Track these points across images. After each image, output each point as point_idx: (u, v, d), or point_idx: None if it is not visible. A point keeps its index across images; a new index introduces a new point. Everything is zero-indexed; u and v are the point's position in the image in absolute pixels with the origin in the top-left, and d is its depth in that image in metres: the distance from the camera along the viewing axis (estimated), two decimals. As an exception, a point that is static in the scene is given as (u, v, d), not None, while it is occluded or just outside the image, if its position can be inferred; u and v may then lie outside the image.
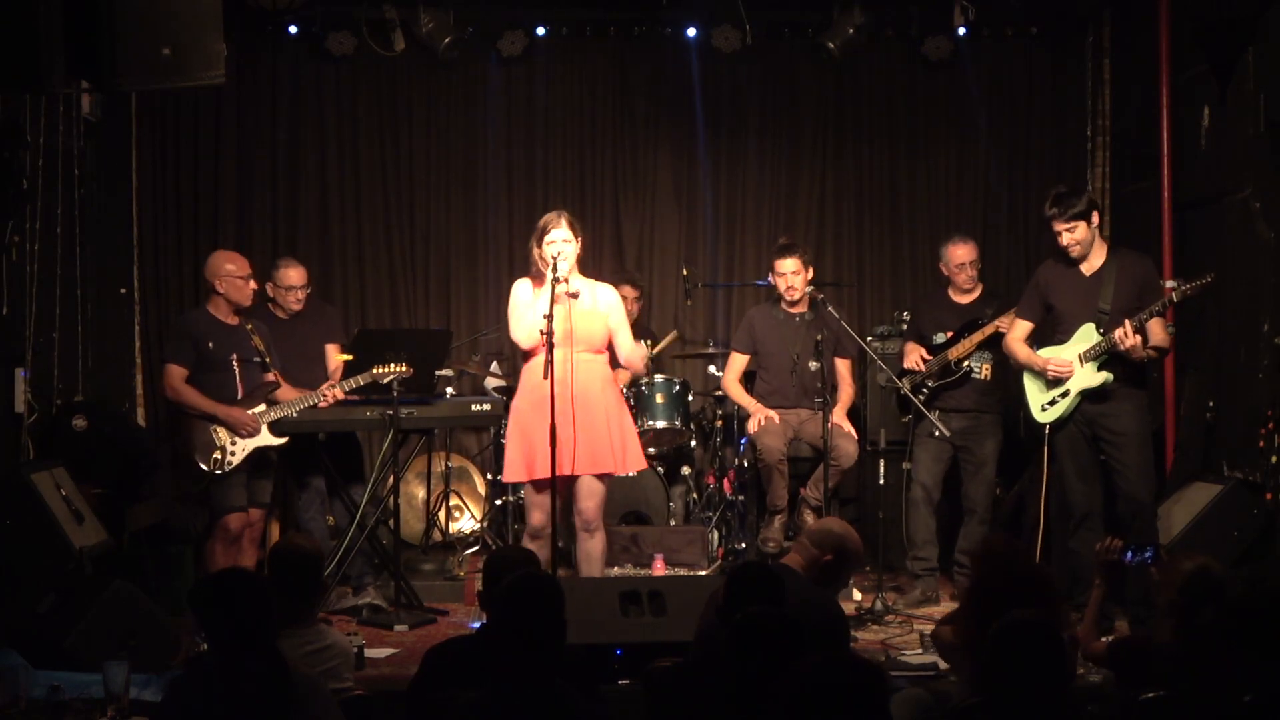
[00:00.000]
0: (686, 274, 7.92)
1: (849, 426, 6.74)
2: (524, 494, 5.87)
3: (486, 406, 6.49)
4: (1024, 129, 8.33)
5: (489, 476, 7.51)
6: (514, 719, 3.07)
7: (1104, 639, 4.49)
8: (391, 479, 6.28)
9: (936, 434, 6.42)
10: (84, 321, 6.85)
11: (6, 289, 5.98)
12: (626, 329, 5.83)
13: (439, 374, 6.55)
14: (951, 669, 4.10)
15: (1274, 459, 6.06)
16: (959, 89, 8.20)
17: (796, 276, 6.77)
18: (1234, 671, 3.30)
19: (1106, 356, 5.71)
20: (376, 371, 6.02)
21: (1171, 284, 6.13)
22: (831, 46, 7.89)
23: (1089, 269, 5.84)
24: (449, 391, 6.99)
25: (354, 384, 6.08)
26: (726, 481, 7.24)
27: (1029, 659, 3.10)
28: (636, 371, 6.35)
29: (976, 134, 8.25)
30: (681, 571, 6.83)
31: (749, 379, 7.09)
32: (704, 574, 6.73)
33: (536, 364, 5.58)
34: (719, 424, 7.39)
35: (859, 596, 6.47)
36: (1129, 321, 5.59)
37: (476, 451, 7.99)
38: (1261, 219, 6.25)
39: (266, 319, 6.44)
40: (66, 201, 6.61)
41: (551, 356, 5.40)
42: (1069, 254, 5.83)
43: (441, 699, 3.42)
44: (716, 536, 7.19)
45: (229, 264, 6.14)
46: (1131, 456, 5.75)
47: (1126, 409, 5.77)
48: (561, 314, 5.47)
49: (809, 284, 6.79)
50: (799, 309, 6.87)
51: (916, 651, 5.49)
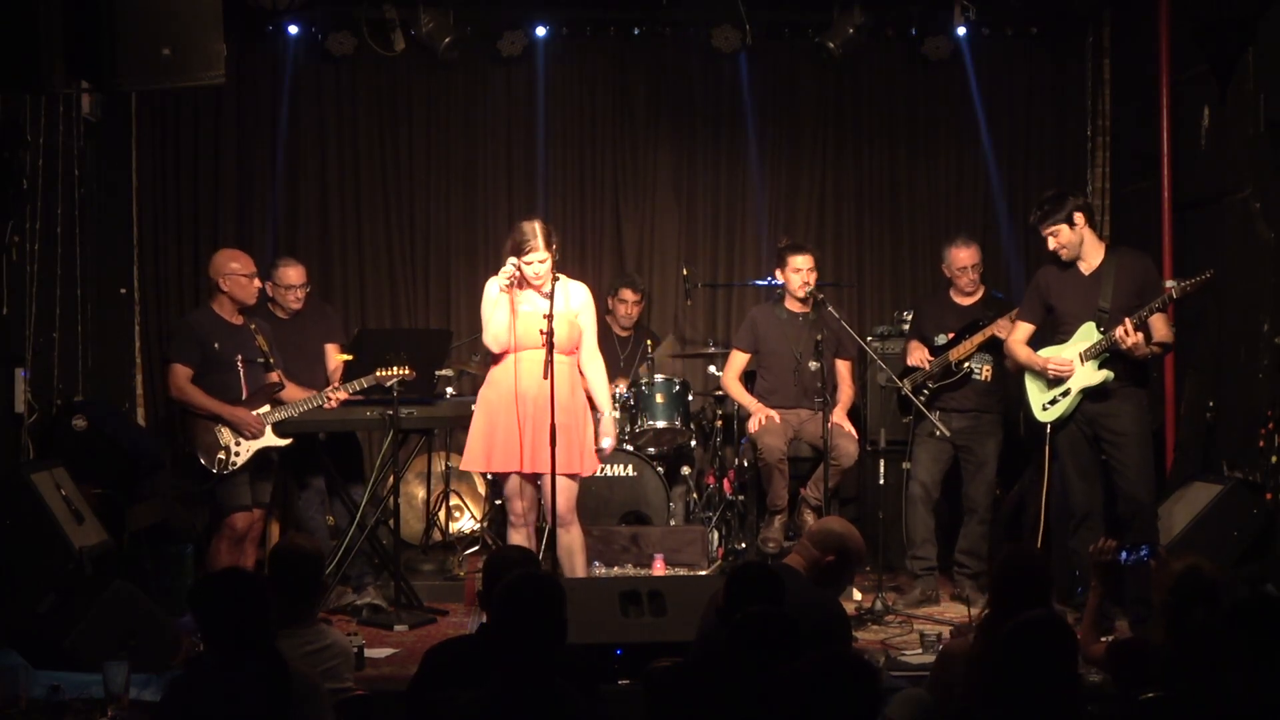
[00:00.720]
0: (686, 274, 7.91)
1: (849, 426, 6.75)
2: (504, 486, 5.86)
3: (486, 407, 6.47)
4: (1024, 129, 8.33)
5: (489, 477, 7.51)
6: (514, 719, 3.07)
7: (1104, 639, 4.49)
8: (391, 479, 6.29)
9: (937, 434, 6.43)
10: (84, 321, 6.84)
11: (6, 289, 5.97)
12: (593, 332, 5.85)
13: (439, 374, 6.55)
14: (938, 680, 4.02)
15: (1274, 459, 6.06)
16: (959, 89, 8.19)
17: (811, 273, 6.79)
18: (1227, 672, 3.30)
19: (1107, 355, 5.72)
20: (380, 374, 6.03)
21: (1171, 283, 6.13)
22: (831, 46, 7.89)
23: (1088, 268, 5.85)
24: (449, 391, 6.99)
25: (357, 386, 6.08)
26: (726, 481, 7.25)
27: (1045, 658, 3.10)
28: (593, 381, 5.90)
29: (976, 134, 8.24)
30: (681, 571, 6.83)
31: (748, 379, 7.09)
32: (704, 574, 6.73)
33: (507, 363, 5.64)
34: (719, 424, 7.39)
35: (859, 596, 6.47)
36: (1129, 320, 5.60)
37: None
38: (1261, 219, 6.25)
39: (266, 319, 6.45)
40: (66, 201, 6.60)
41: (551, 357, 5.44)
42: (1059, 257, 5.86)
43: (441, 699, 3.42)
44: (716, 536, 7.19)
45: (233, 262, 6.15)
46: (1132, 456, 5.75)
47: (1127, 409, 5.77)
48: (533, 318, 5.55)
49: (813, 284, 6.80)
50: (802, 308, 6.87)
51: (916, 651, 5.49)
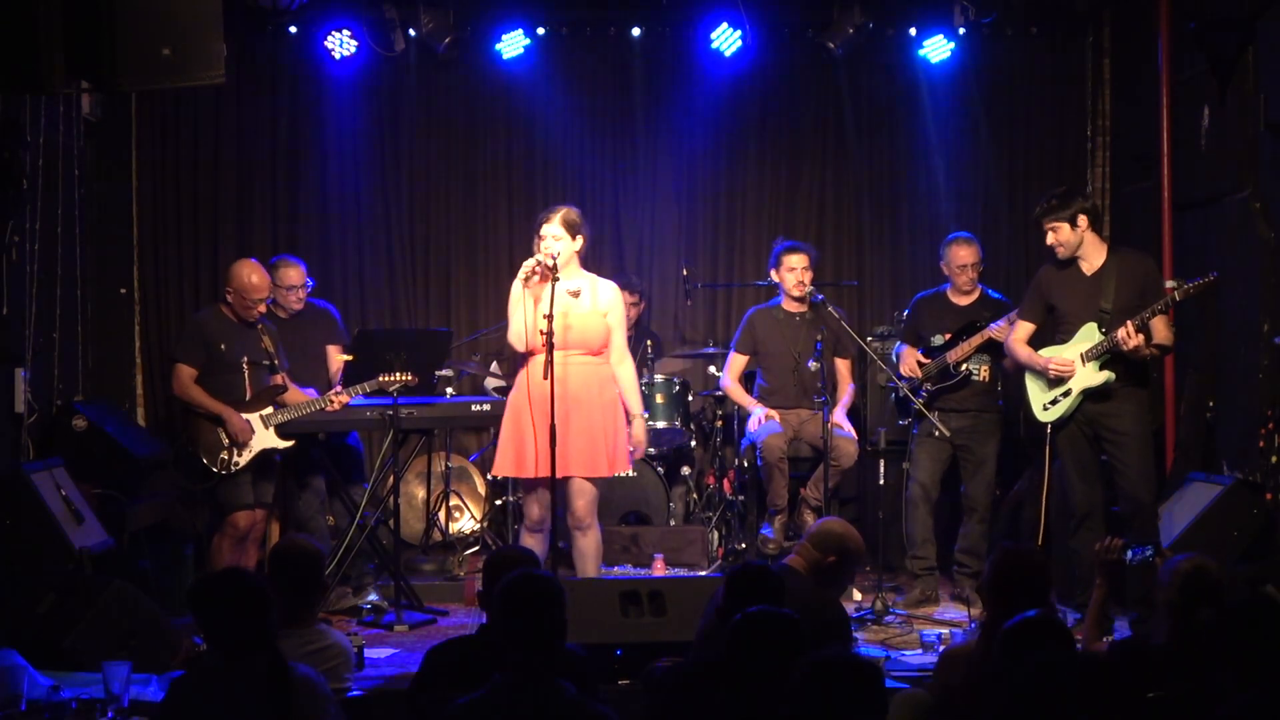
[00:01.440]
0: (686, 274, 7.92)
1: (849, 426, 6.75)
2: (521, 489, 5.85)
3: (486, 406, 6.47)
4: (1024, 129, 8.32)
5: (489, 476, 7.51)
6: (514, 719, 3.07)
7: (1105, 639, 4.49)
8: (391, 479, 6.28)
9: (936, 434, 6.42)
10: (84, 321, 6.85)
11: (6, 289, 5.97)
12: (622, 331, 5.79)
13: (439, 374, 6.55)
14: (939, 682, 3.99)
15: (1274, 459, 6.05)
16: (959, 88, 8.19)
17: (806, 272, 6.78)
18: (1231, 672, 3.30)
19: (1108, 356, 5.71)
20: (383, 379, 6.03)
21: (1172, 284, 6.12)
22: (831, 46, 7.89)
23: (1090, 269, 5.84)
24: (449, 391, 6.99)
25: (360, 391, 6.08)
26: (726, 481, 7.25)
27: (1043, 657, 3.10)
28: (623, 382, 5.79)
29: (976, 134, 8.24)
30: (681, 571, 6.83)
31: (747, 379, 7.09)
32: (704, 574, 6.73)
33: (535, 364, 5.56)
34: (719, 424, 7.39)
35: (859, 596, 6.47)
36: (1130, 322, 5.59)
37: (476, 451, 7.98)
38: (1261, 219, 6.24)
39: (268, 319, 6.44)
40: (66, 201, 6.61)
41: (551, 357, 5.39)
42: (1055, 254, 5.84)
43: (441, 699, 3.42)
44: (716, 536, 7.19)
45: (254, 276, 6.12)
46: (1133, 456, 5.74)
47: (1128, 409, 5.76)
48: (560, 315, 5.46)
49: (809, 284, 6.80)
50: (799, 308, 6.86)
51: (916, 651, 5.48)
